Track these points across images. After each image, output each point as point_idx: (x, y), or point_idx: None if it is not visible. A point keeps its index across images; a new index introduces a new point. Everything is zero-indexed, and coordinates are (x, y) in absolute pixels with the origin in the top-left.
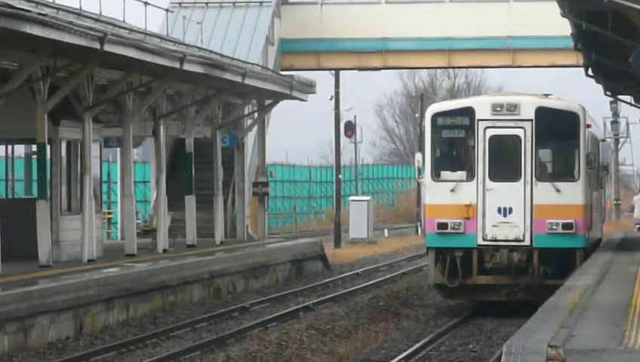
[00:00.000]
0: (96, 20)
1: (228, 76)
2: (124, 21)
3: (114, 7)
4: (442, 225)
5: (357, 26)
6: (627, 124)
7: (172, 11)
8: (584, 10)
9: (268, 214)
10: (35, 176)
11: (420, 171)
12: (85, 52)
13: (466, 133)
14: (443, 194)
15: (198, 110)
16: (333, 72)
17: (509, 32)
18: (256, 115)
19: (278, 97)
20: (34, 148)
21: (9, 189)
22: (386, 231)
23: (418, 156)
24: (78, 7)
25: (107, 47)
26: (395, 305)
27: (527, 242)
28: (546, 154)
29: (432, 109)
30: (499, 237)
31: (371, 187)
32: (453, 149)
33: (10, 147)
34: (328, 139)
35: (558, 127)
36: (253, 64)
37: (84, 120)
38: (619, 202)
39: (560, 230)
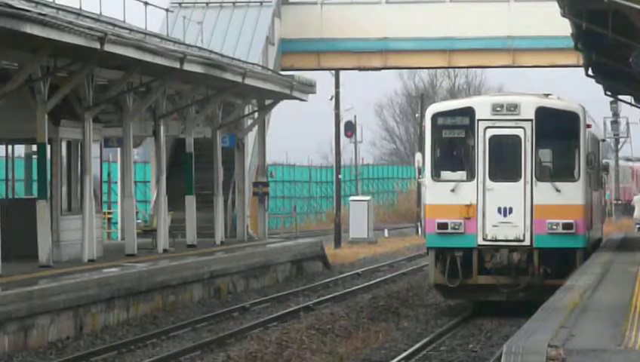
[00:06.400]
0: (96, 20)
1: (228, 76)
2: (124, 21)
3: (114, 7)
4: (442, 225)
5: (357, 26)
6: (627, 124)
7: (172, 11)
8: (584, 10)
9: (268, 214)
10: (35, 176)
11: (420, 171)
12: (85, 52)
13: (466, 133)
14: (443, 195)
15: (198, 110)
16: (333, 72)
17: (509, 32)
18: (256, 115)
19: (278, 97)
20: (34, 148)
21: (9, 189)
22: (386, 231)
23: (418, 156)
24: (78, 7)
25: (107, 47)
26: (395, 305)
27: (527, 242)
28: (546, 154)
29: (432, 109)
30: (499, 237)
31: (371, 187)
32: (453, 149)
33: (10, 147)
34: (328, 139)
35: (558, 127)
36: (253, 64)
37: (84, 120)
38: (619, 202)
39: (560, 230)
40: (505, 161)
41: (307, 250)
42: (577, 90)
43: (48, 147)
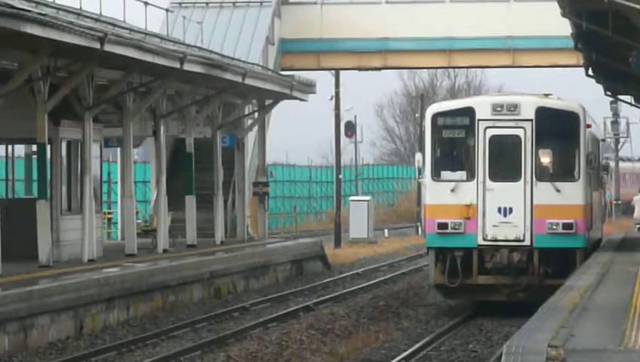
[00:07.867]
0: (97, 20)
1: (228, 76)
2: (124, 21)
3: (114, 7)
4: (442, 225)
5: (357, 26)
6: (627, 124)
7: (172, 11)
8: (584, 10)
9: (268, 214)
10: (35, 176)
11: (420, 171)
12: (85, 52)
13: (466, 133)
14: (443, 194)
15: (199, 110)
16: (333, 72)
17: (509, 32)
18: (256, 115)
19: (278, 97)
20: (34, 148)
21: (9, 189)
22: (386, 231)
23: (418, 156)
24: (78, 7)
25: (107, 47)
26: (395, 305)
27: (527, 242)
28: (546, 154)
29: (432, 109)
30: (499, 237)
31: (371, 187)
32: (453, 149)
33: (10, 147)
34: (328, 139)
35: (558, 127)
36: (253, 64)
37: (84, 120)
38: (619, 202)
39: (560, 230)
40: (505, 161)
41: (307, 250)
42: (577, 90)
43: (48, 147)
